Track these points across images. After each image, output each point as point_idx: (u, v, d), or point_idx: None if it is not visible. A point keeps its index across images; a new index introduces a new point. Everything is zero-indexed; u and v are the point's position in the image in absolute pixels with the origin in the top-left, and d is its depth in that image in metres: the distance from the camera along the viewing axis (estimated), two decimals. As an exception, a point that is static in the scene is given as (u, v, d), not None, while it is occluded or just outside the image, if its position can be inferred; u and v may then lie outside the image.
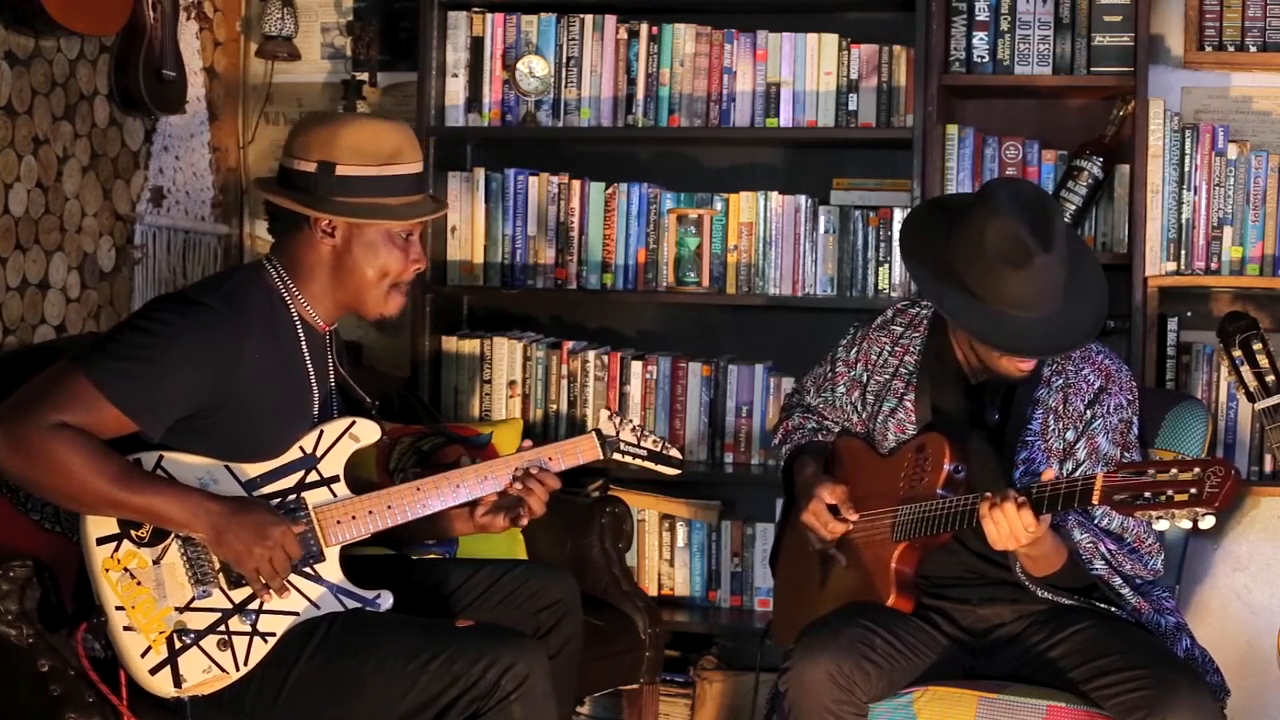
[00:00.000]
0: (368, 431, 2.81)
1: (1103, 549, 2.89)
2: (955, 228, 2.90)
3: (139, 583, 2.66)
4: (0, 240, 3.57)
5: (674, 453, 2.96)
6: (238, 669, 2.68)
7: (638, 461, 2.93)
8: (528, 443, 2.90)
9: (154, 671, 2.66)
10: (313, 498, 2.75)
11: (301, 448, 2.76)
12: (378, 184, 2.75)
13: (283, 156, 2.81)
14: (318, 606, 2.73)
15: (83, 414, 2.56)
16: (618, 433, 2.91)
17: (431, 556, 3.26)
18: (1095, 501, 2.62)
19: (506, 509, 2.87)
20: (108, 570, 2.66)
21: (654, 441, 2.94)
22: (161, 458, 2.67)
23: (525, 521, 2.87)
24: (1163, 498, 2.53)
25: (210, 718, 2.69)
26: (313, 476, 2.76)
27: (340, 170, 2.73)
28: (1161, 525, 2.57)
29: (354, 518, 2.76)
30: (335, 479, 2.77)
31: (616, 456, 2.91)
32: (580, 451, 2.89)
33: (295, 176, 2.76)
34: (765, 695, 3.27)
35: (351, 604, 2.76)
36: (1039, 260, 2.79)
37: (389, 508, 2.78)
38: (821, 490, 3.05)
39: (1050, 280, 2.82)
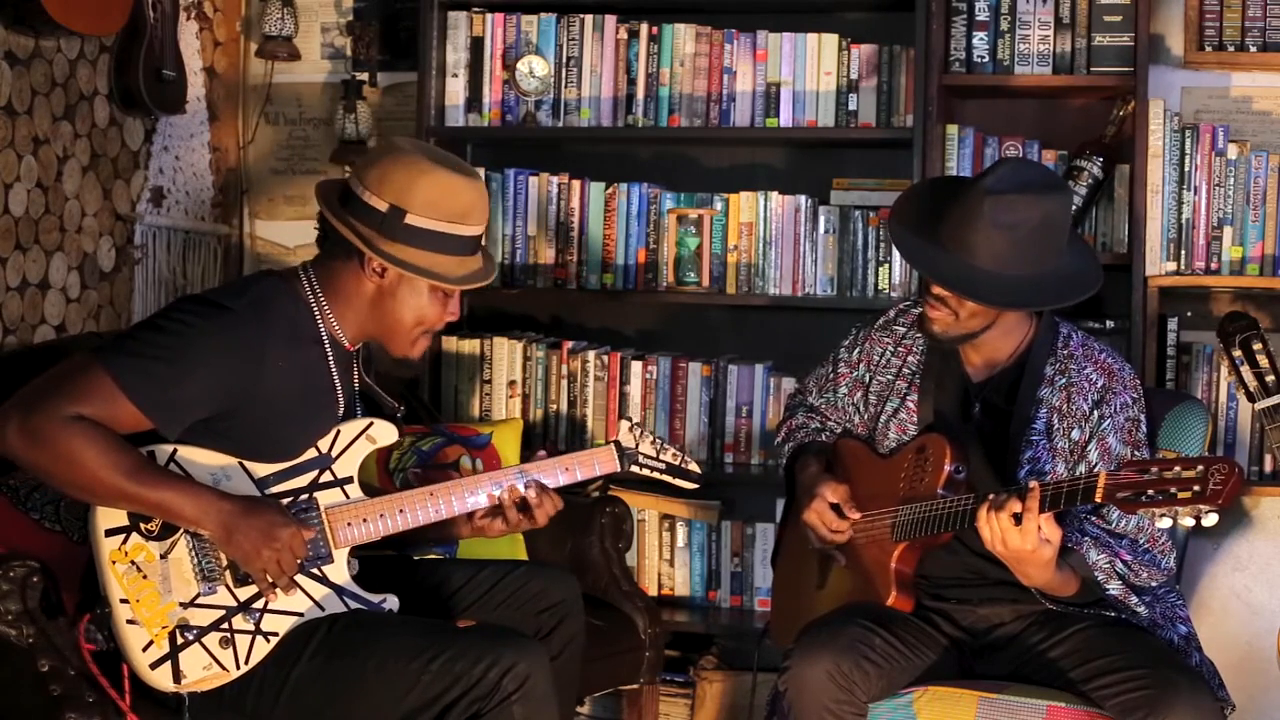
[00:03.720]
0: (385, 433, 2.80)
1: (1119, 566, 2.87)
2: (951, 182, 3.01)
3: (145, 576, 2.66)
4: (0, 240, 3.57)
5: (693, 466, 2.95)
6: (238, 667, 2.68)
7: (656, 475, 2.92)
8: (542, 452, 2.90)
9: (154, 666, 2.67)
10: (325, 498, 2.75)
11: (317, 447, 2.75)
12: (441, 240, 2.72)
13: (352, 178, 2.77)
14: (322, 608, 2.73)
15: (99, 407, 2.56)
16: (637, 445, 2.90)
17: (432, 556, 3.26)
18: (1098, 499, 2.62)
19: (504, 514, 2.86)
20: (114, 562, 2.66)
21: (673, 455, 2.93)
22: (175, 451, 2.67)
23: (525, 527, 2.87)
24: (1166, 495, 2.53)
25: (211, 717, 2.69)
26: (326, 477, 2.75)
27: (410, 219, 2.70)
28: (1165, 523, 2.58)
29: (365, 520, 2.76)
30: (349, 480, 2.77)
31: (634, 469, 2.90)
32: (598, 462, 2.88)
33: (362, 208, 2.72)
34: (763, 695, 3.27)
35: (356, 606, 2.76)
36: (976, 196, 2.82)
37: (401, 511, 2.77)
38: (824, 489, 3.05)
39: (979, 223, 2.82)
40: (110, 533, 2.67)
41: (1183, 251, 3.83)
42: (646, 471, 2.91)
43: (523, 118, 4.15)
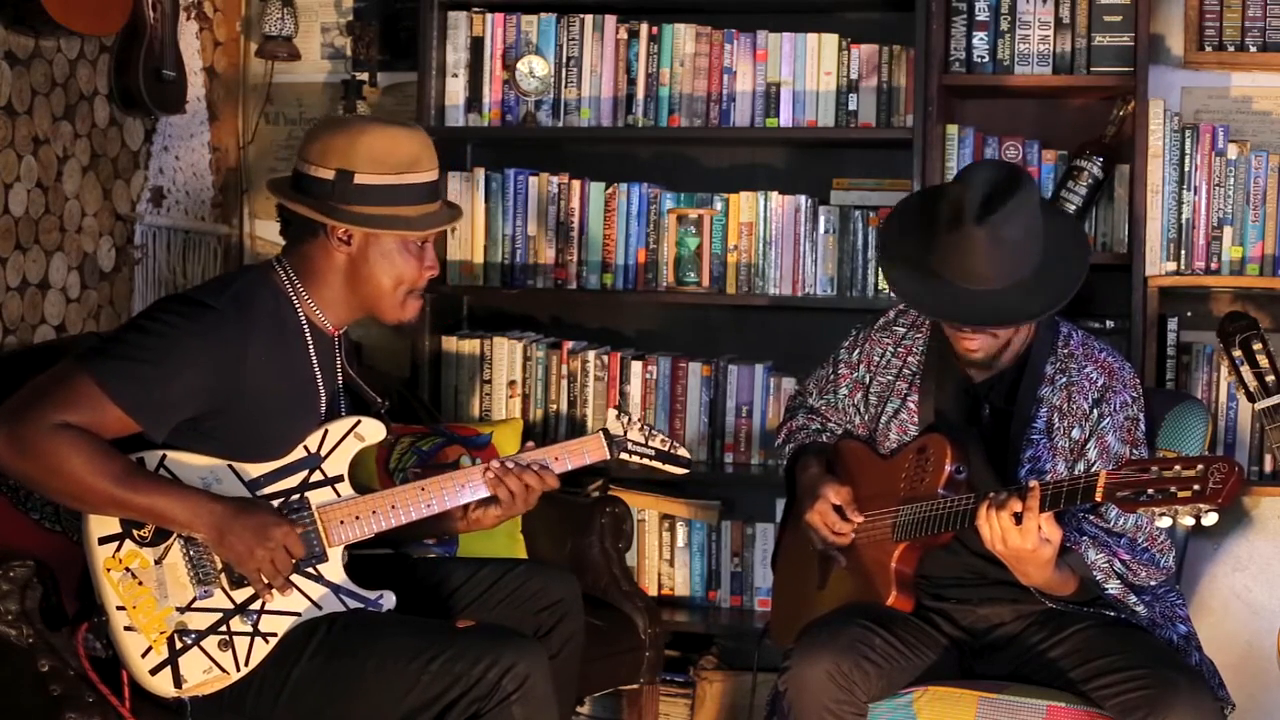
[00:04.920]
0: (373, 430, 2.80)
1: (1117, 565, 2.87)
2: (926, 204, 2.99)
3: (140, 582, 2.66)
4: (0, 240, 3.57)
5: (682, 452, 2.95)
6: (238, 669, 2.68)
7: (645, 461, 2.92)
8: (530, 444, 2.90)
9: (154, 672, 2.66)
10: (316, 497, 2.75)
11: (306, 447, 2.75)
12: (395, 192, 2.74)
13: (297, 161, 2.79)
14: (320, 607, 2.73)
15: (85, 414, 2.56)
16: (625, 432, 2.89)
17: (432, 556, 3.26)
18: (1098, 498, 2.62)
19: (495, 502, 2.86)
20: (109, 570, 2.66)
21: (662, 440, 2.93)
22: (164, 456, 2.67)
23: (518, 511, 2.86)
24: (1166, 494, 2.53)
25: (211, 718, 2.69)
26: (316, 476, 2.75)
27: (359, 179, 2.72)
28: (1164, 522, 2.58)
29: (357, 518, 2.75)
30: (339, 479, 2.77)
31: (624, 456, 2.89)
32: (587, 451, 2.87)
33: (311, 183, 2.74)
34: (763, 695, 3.27)
35: (354, 604, 2.76)
36: (969, 227, 2.80)
37: (393, 508, 2.77)
38: (827, 490, 3.05)
39: (984, 250, 2.82)
40: (103, 540, 2.67)
41: (1183, 251, 3.83)
42: (636, 458, 2.91)
43: (523, 118, 4.15)
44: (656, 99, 4.09)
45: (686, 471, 2.99)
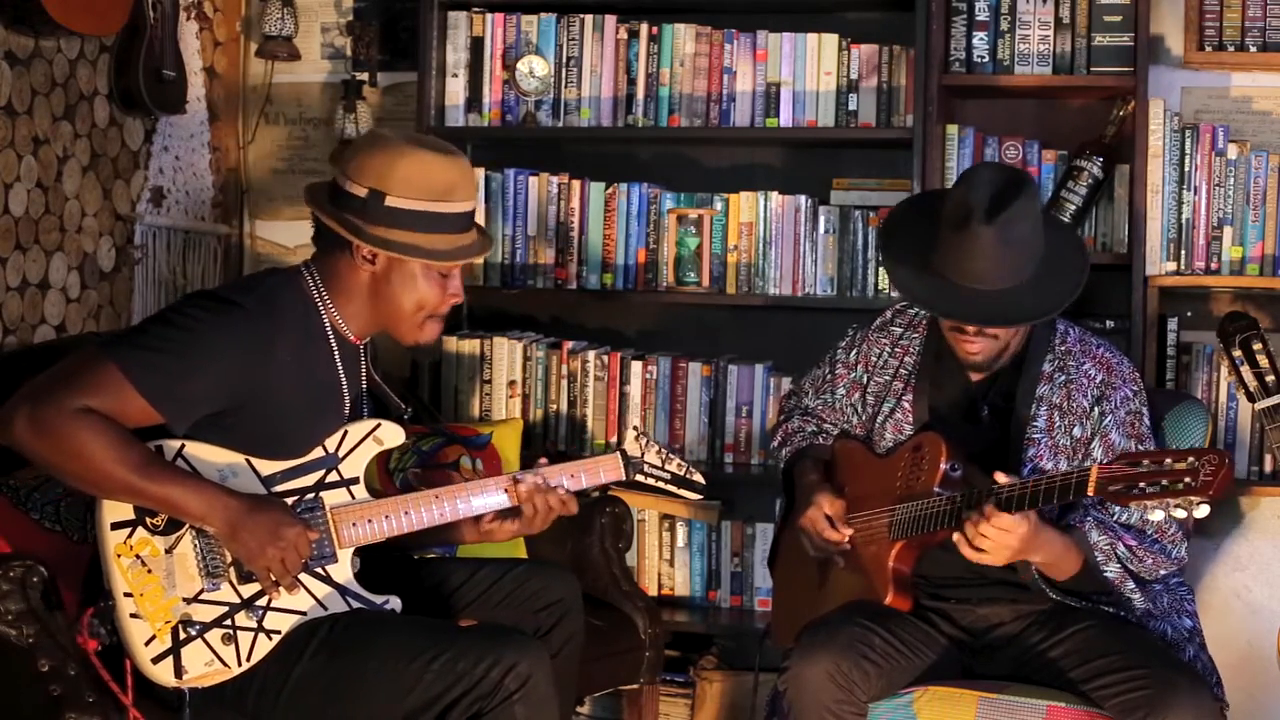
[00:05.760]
0: (392, 435, 2.80)
1: (1120, 550, 2.87)
2: (927, 205, 3.00)
3: (149, 570, 2.66)
4: (0, 240, 3.57)
5: (697, 477, 2.94)
6: (240, 664, 2.68)
7: (660, 485, 2.92)
8: (543, 460, 2.89)
9: (156, 660, 2.66)
10: (330, 498, 2.75)
11: (324, 447, 2.76)
12: (426, 219, 2.72)
13: (336, 171, 2.78)
14: (325, 607, 2.73)
15: (108, 400, 2.56)
16: (643, 454, 2.90)
17: (432, 555, 3.26)
18: (1090, 493, 2.62)
19: (513, 517, 2.86)
20: (119, 555, 2.66)
21: (678, 465, 2.92)
22: (183, 447, 2.67)
23: (533, 530, 2.87)
24: (1157, 487, 2.53)
25: (212, 714, 2.69)
26: (333, 476, 2.75)
27: (390, 201, 2.70)
28: (1157, 515, 2.58)
29: (370, 521, 2.76)
30: (355, 480, 2.77)
31: (639, 478, 2.90)
32: (603, 470, 2.88)
33: (345, 197, 2.74)
34: (764, 695, 3.27)
35: (359, 606, 2.76)
36: (977, 227, 2.81)
37: (406, 513, 2.77)
38: (821, 499, 3.06)
39: (991, 250, 2.83)
40: (116, 526, 2.67)
41: (1183, 251, 3.83)
42: (651, 481, 2.91)
43: (523, 118, 4.15)
44: (656, 99, 4.09)
45: (700, 497, 2.99)
